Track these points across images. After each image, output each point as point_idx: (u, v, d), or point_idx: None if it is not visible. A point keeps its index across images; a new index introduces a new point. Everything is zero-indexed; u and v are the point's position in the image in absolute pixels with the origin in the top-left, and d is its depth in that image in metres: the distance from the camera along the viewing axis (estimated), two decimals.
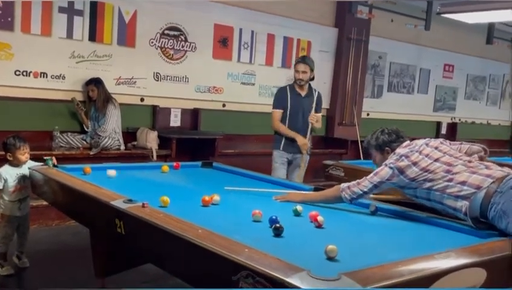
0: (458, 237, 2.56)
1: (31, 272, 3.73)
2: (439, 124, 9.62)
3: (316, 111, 4.92)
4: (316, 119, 4.88)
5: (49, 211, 4.60)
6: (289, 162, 5.02)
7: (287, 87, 5.04)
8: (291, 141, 4.91)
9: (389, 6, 7.80)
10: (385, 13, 7.86)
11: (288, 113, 4.94)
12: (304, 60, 4.95)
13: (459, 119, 9.94)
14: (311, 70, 4.91)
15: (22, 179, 3.69)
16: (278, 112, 4.98)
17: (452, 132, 9.71)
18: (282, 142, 4.99)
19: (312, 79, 5.00)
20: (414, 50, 8.86)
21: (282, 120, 4.95)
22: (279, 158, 4.99)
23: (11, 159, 3.66)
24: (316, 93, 5.02)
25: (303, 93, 4.95)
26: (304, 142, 4.86)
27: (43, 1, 5.18)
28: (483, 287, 2.11)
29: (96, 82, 5.42)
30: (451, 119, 9.85)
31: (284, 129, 4.94)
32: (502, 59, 10.42)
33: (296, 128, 4.90)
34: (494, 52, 9.82)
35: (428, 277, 1.90)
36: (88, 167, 3.59)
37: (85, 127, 5.51)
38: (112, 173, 3.52)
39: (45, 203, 3.95)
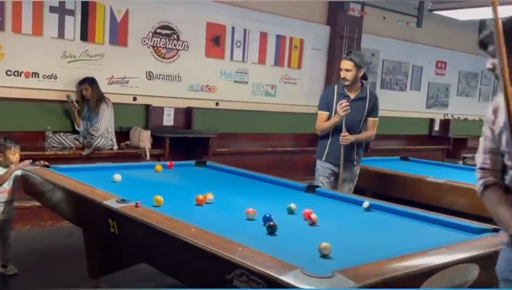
0: (451, 233, 2.57)
1: (24, 273, 3.71)
2: (431, 120, 9.65)
3: (370, 115, 4.23)
4: (347, 140, 4.11)
5: (43, 212, 4.57)
6: (337, 175, 4.24)
7: (335, 86, 4.30)
8: (337, 149, 4.14)
9: (381, 3, 7.81)
10: (377, 10, 7.88)
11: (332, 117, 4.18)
12: (349, 55, 4.17)
13: (452, 116, 9.97)
14: (359, 67, 4.13)
15: (12, 180, 3.65)
16: (323, 114, 4.21)
17: (445, 129, 9.74)
18: (326, 151, 4.23)
19: (364, 78, 4.26)
20: (407, 47, 8.88)
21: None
22: (323, 170, 4.25)
23: (1, 159, 3.63)
24: (370, 94, 4.27)
25: (352, 95, 4.19)
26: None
27: (34, 1, 5.14)
28: (477, 283, 2.12)
29: (90, 81, 5.39)
30: (444, 116, 9.88)
31: (326, 124, 4.18)
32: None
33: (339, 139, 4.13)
34: None
35: (421, 273, 1.90)
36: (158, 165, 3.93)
37: (76, 126, 5.47)
38: (117, 177, 3.43)
39: (38, 203, 3.93)
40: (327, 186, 4.15)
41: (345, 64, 4.15)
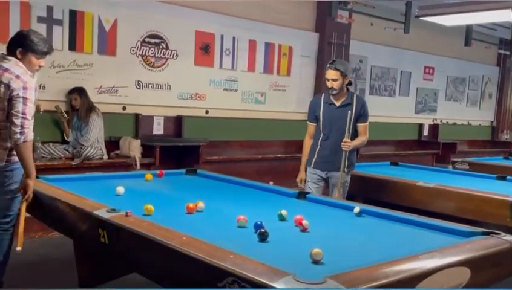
0: (442, 237, 2.59)
1: (15, 285, 3.67)
2: (420, 125, 9.72)
3: (358, 121, 4.24)
4: (349, 147, 4.12)
5: (32, 223, 4.50)
6: (326, 180, 4.35)
7: (322, 95, 4.39)
8: (325, 156, 4.27)
9: (368, 10, 7.88)
10: (364, 17, 7.94)
11: (321, 126, 4.30)
12: (333, 64, 4.18)
13: (440, 121, 10.06)
14: (345, 75, 4.17)
15: None
16: (310, 125, 4.42)
17: (434, 133, 9.82)
18: (315, 158, 4.33)
19: (349, 84, 4.31)
20: (395, 53, 8.95)
21: (316, 135, 4.36)
22: (311, 176, 4.34)
23: None
24: (356, 99, 4.28)
25: (338, 103, 4.25)
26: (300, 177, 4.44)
27: (22, 11, 5.12)
28: (468, 286, 2.13)
29: (79, 91, 5.37)
30: (433, 120, 9.96)
31: (303, 150, 4.46)
32: (480, 60, 10.59)
33: (331, 146, 4.23)
34: (473, 53, 9.97)
35: (413, 277, 1.91)
36: (149, 174, 4.01)
37: (65, 136, 5.45)
38: (120, 190, 3.34)
39: (27, 214, 3.88)
40: (315, 192, 4.15)
41: (331, 74, 4.17)
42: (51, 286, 3.64)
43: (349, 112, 4.14)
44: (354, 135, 4.24)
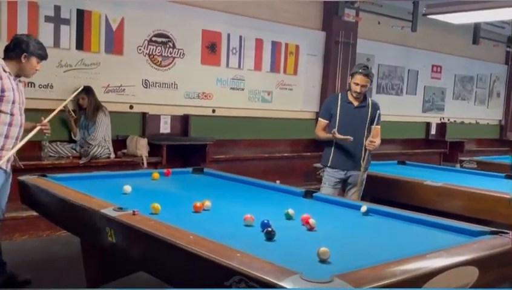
0: (449, 236, 2.58)
1: (22, 284, 3.69)
2: (428, 124, 9.68)
3: (372, 123, 4.29)
4: (373, 146, 4.18)
5: (40, 222, 4.55)
6: (343, 182, 4.34)
7: (339, 94, 4.46)
8: (343, 154, 4.27)
9: (375, 8, 7.85)
10: (371, 16, 7.91)
11: (337, 125, 4.27)
12: (366, 72, 4.19)
13: (448, 119, 10.01)
14: (371, 82, 4.29)
15: None
16: (322, 122, 4.40)
17: (441, 132, 9.78)
18: (331, 157, 4.32)
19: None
20: (402, 51, 8.92)
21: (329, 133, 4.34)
22: (328, 178, 4.32)
23: None
24: (371, 102, 4.36)
25: (355, 103, 4.30)
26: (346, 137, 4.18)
27: (29, 10, 5.15)
28: (476, 285, 2.11)
29: (87, 90, 5.38)
30: (440, 119, 9.91)
31: (322, 134, 4.36)
32: (488, 59, 10.52)
33: (349, 144, 4.22)
34: (481, 52, 9.91)
35: (420, 276, 1.90)
36: (156, 173, 4.01)
37: (72, 135, 5.48)
38: (127, 188, 3.34)
39: (35, 213, 3.91)
40: (331, 194, 4.12)
41: (364, 80, 4.20)
42: (59, 284, 3.66)
43: (369, 110, 4.23)
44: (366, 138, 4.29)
